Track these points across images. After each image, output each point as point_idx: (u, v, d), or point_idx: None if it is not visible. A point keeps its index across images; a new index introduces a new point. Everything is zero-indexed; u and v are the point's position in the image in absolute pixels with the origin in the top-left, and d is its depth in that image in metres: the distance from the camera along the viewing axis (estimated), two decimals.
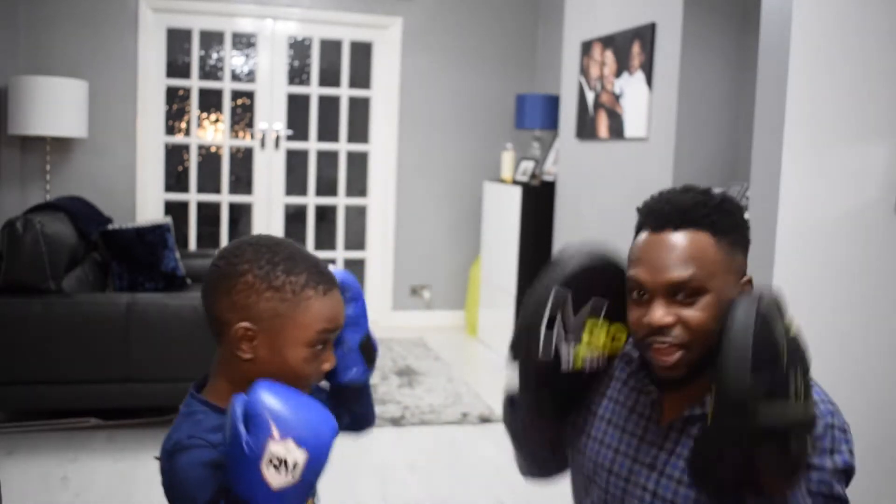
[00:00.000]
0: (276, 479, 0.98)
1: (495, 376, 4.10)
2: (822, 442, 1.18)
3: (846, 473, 1.21)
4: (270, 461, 0.98)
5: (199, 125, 5.54)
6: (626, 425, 1.33)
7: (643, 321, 1.21)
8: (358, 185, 5.77)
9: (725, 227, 1.23)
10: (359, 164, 5.74)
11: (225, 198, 5.51)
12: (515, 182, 5.10)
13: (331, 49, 5.59)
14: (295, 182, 5.62)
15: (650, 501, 1.27)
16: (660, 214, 1.24)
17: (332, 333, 1.16)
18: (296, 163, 5.61)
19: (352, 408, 1.33)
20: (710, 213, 1.23)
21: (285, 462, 0.99)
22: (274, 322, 1.12)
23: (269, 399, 1.02)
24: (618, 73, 3.93)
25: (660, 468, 1.27)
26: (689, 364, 1.20)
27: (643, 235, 1.26)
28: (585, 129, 4.24)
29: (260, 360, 1.13)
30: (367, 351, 1.26)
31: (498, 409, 3.26)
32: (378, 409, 3.83)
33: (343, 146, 5.67)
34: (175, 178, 5.47)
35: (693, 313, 1.19)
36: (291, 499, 1.00)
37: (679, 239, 1.21)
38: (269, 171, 5.54)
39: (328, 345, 1.17)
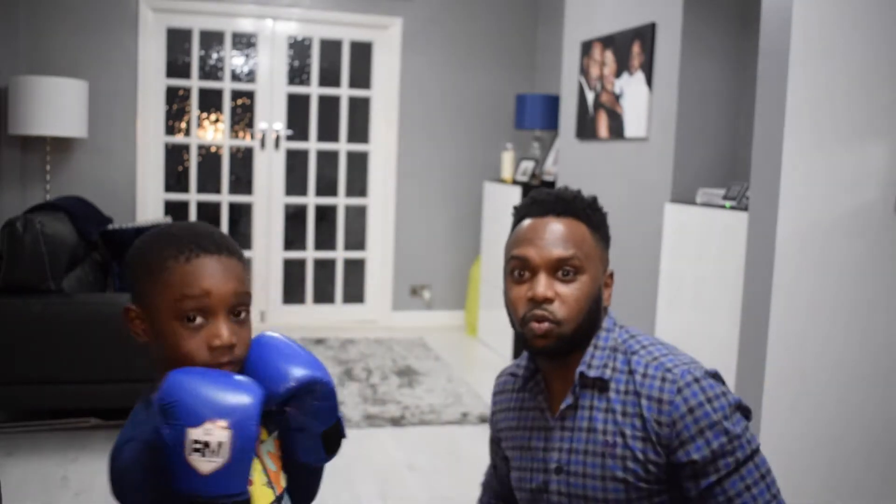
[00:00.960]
0: (203, 464, 0.95)
1: (495, 376, 4.10)
2: (695, 398, 1.25)
3: (738, 408, 1.28)
4: (193, 448, 0.95)
5: (199, 125, 5.54)
6: (531, 443, 1.41)
7: (527, 295, 1.31)
8: (358, 185, 5.77)
9: (597, 223, 1.39)
10: (359, 164, 5.74)
11: (225, 198, 5.51)
12: (515, 182, 5.10)
13: (331, 49, 5.59)
14: (295, 182, 5.62)
15: (568, 503, 1.35)
16: (544, 203, 1.37)
17: (199, 300, 1.06)
18: (296, 163, 5.61)
19: (299, 480, 1.22)
20: (585, 207, 1.38)
21: (208, 445, 0.95)
22: (145, 301, 1.10)
23: (179, 385, 0.98)
24: (618, 73, 3.93)
25: (564, 469, 1.35)
26: (560, 337, 1.30)
27: (527, 221, 1.37)
28: (585, 129, 4.24)
29: (152, 344, 1.12)
30: (331, 439, 1.15)
31: None
32: (378, 409, 3.84)
33: (343, 146, 5.67)
34: (175, 178, 5.47)
35: (570, 290, 1.31)
36: (228, 479, 0.96)
37: (562, 224, 1.35)
38: (269, 171, 5.54)
39: (213, 316, 1.07)
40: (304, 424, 1.11)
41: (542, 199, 1.38)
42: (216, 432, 0.96)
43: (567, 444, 1.35)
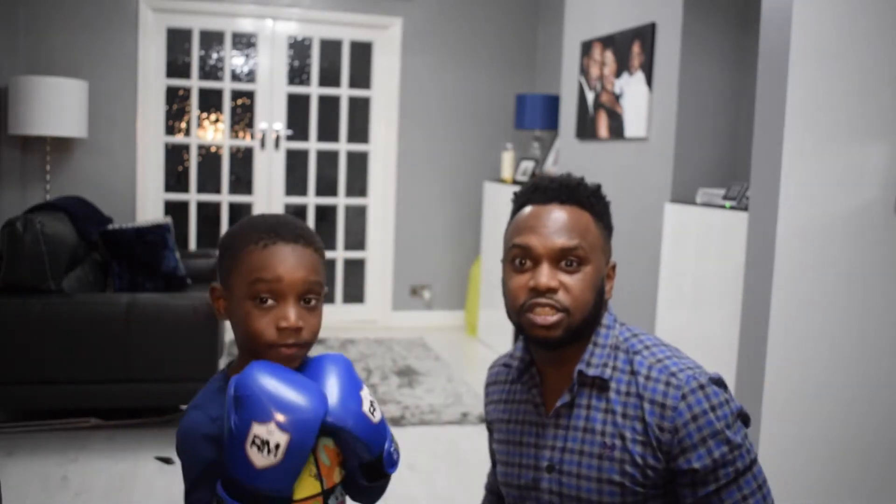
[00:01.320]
0: (259, 459, 1.02)
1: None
2: (699, 406, 1.22)
3: (740, 416, 1.26)
4: (253, 442, 1.02)
5: (199, 125, 5.54)
6: (522, 438, 1.38)
7: (528, 284, 1.27)
8: (358, 185, 5.77)
9: (600, 212, 1.35)
10: (359, 164, 5.74)
11: (225, 198, 5.51)
12: (515, 182, 5.10)
13: (331, 49, 5.59)
14: (295, 182, 5.62)
15: (559, 503, 1.32)
16: (547, 190, 1.33)
17: (270, 284, 1.13)
18: (296, 163, 5.61)
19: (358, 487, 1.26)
20: (590, 196, 1.34)
21: (267, 444, 1.02)
22: (227, 281, 1.19)
23: (259, 380, 1.05)
24: (618, 73, 3.93)
25: (557, 468, 1.31)
26: (567, 328, 1.26)
27: (529, 208, 1.33)
28: (585, 129, 4.24)
29: (232, 322, 1.19)
30: (374, 471, 1.18)
31: None
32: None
33: (343, 146, 5.67)
34: (175, 178, 5.47)
35: (574, 281, 1.27)
36: (275, 479, 1.03)
37: (566, 212, 1.31)
38: (269, 171, 5.54)
39: (282, 300, 1.14)
40: (345, 452, 1.17)
41: (545, 185, 1.34)
42: (277, 434, 1.02)
43: (561, 443, 1.32)
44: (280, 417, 1.03)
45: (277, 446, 1.02)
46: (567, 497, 1.30)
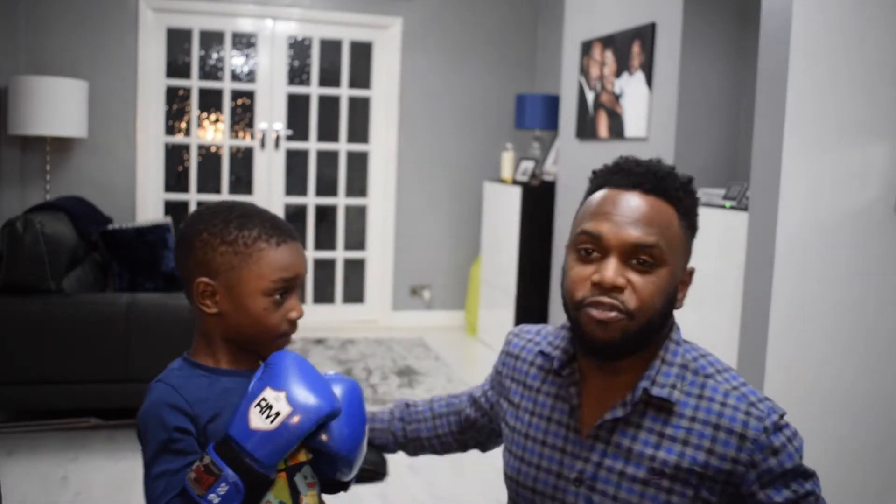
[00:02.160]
0: (255, 419, 1.06)
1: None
2: (778, 439, 1.13)
3: (800, 451, 1.17)
4: (258, 403, 1.07)
5: (199, 125, 5.54)
6: (546, 438, 1.25)
7: (592, 278, 1.12)
8: (358, 185, 5.77)
9: (687, 209, 1.19)
10: (359, 164, 5.74)
11: (225, 198, 5.50)
12: (515, 182, 5.10)
13: (331, 49, 5.59)
14: (295, 182, 5.62)
15: None
16: (631, 173, 1.17)
17: (289, 282, 1.20)
18: (296, 163, 5.61)
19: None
20: (678, 188, 1.18)
21: (270, 408, 1.06)
22: (230, 275, 1.19)
23: (292, 359, 1.13)
24: (618, 73, 3.93)
25: (588, 483, 1.19)
26: (625, 332, 1.11)
27: (605, 191, 1.17)
28: (585, 129, 4.24)
29: (225, 314, 1.20)
30: (336, 484, 1.26)
31: None
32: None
33: (343, 146, 5.67)
34: (175, 178, 5.47)
35: (645, 281, 1.12)
36: (260, 445, 1.05)
37: (649, 202, 1.14)
38: (269, 171, 5.54)
39: (291, 294, 1.20)
40: (320, 462, 1.20)
41: (629, 168, 1.17)
42: (282, 404, 1.07)
43: (598, 458, 1.18)
44: (292, 391, 1.08)
45: (277, 414, 1.06)
46: None
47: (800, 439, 1.16)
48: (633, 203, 1.14)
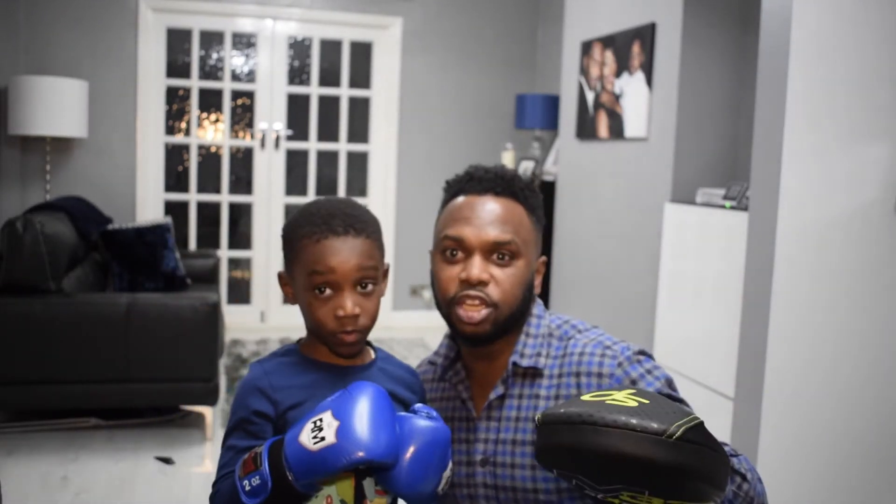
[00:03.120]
0: (305, 434, 1.07)
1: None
2: (636, 371, 1.24)
3: (669, 384, 1.26)
4: (315, 421, 1.08)
5: (199, 125, 5.54)
6: (453, 435, 1.33)
7: (459, 276, 1.26)
8: (358, 185, 5.77)
9: (534, 206, 1.33)
10: (359, 164, 5.74)
11: (225, 198, 5.50)
12: None
13: (331, 49, 5.59)
14: (295, 182, 5.62)
15: (495, 496, 1.30)
16: (483, 180, 1.31)
17: (324, 276, 1.20)
18: (296, 163, 5.61)
19: None
20: (524, 188, 1.32)
21: (320, 430, 1.06)
22: (289, 269, 1.27)
23: (365, 392, 1.10)
24: (618, 73, 3.93)
25: (491, 460, 1.30)
26: (495, 322, 1.26)
27: (462, 199, 1.31)
28: (585, 129, 4.24)
29: (300, 306, 1.26)
30: None
31: None
32: None
33: (343, 146, 5.67)
34: (175, 178, 5.46)
35: (506, 274, 1.26)
36: (299, 459, 1.06)
37: (501, 204, 1.29)
38: (269, 171, 5.54)
39: (338, 290, 1.21)
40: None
41: (480, 175, 1.32)
42: (330, 432, 1.06)
43: (494, 435, 1.30)
44: (347, 425, 1.06)
45: (322, 440, 1.06)
46: (502, 488, 1.29)
47: (662, 372, 1.25)
48: (488, 206, 1.28)
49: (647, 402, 0.98)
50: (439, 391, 1.41)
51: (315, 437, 1.06)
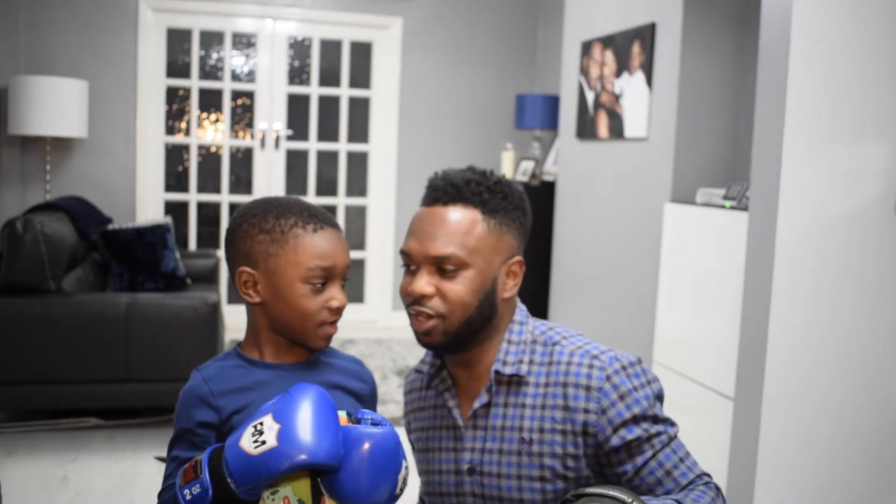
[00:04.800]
0: (245, 439, 1.05)
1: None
2: (625, 385, 1.24)
3: (659, 398, 1.27)
4: (255, 425, 1.05)
5: (199, 125, 5.54)
6: (441, 444, 1.35)
7: (408, 289, 1.27)
8: (358, 185, 5.77)
9: (495, 207, 1.28)
10: (359, 164, 5.74)
11: (225, 198, 5.51)
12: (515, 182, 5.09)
13: (331, 49, 5.59)
14: (295, 182, 5.62)
15: None
16: (434, 188, 1.29)
17: (327, 269, 1.20)
18: (296, 163, 5.61)
19: None
20: (482, 191, 1.27)
21: (261, 434, 1.04)
22: (269, 262, 1.21)
23: (307, 395, 1.08)
24: (618, 73, 3.93)
25: (478, 469, 1.30)
26: (445, 333, 1.25)
27: (419, 209, 1.31)
28: (585, 129, 4.24)
29: (267, 303, 1.22)
30: None
31: None
32: (378, 409, 3.83)
33: (343, 146, 5.67)
34: (175, 178, 5.47)
35: (452, 286, 1.24)
36: (239, 465, 1.03)
37: (448, 214, 1.26)
38: (269, 171, 5.54)
39: (331, 282, 1.21)
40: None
41: (434, 184, 1.30)
42: (271, 435, 1.04)
43: (480, 444, 1.30)
44: (288, 429, 1.04)
45: (263, 443, 1.03)
46: (489, 498, 1.28)
47: (654, 387, 1.26)
48: (434, 217, 1.26)
49: None
50: (426, 399, 1.40)
51: (256, 442, 1.03)
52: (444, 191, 1.27)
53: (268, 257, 1.21)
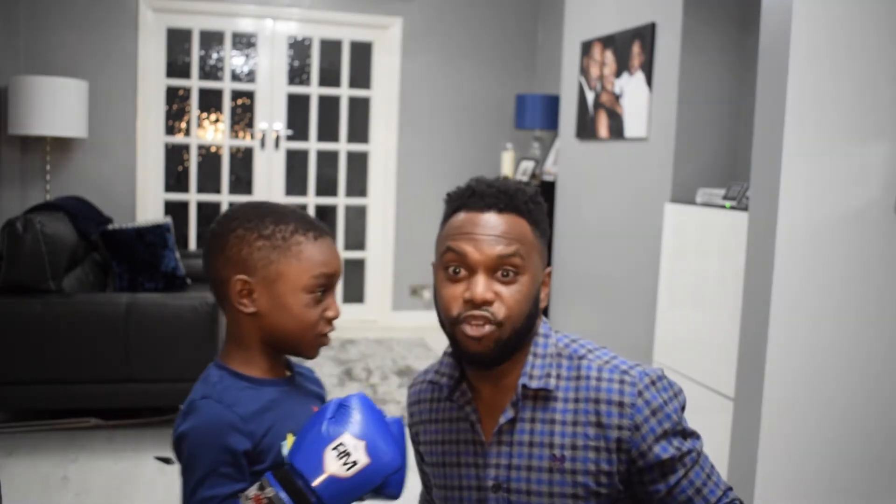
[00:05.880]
0: (332, 463, 1.03)
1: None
2: (656, 400, 1.23)
3: (683, 408, 1.27)
4: (336, 448, 1.04)
5: (199, 125, 5.54)
6: (460, 459, 1.32)
7: (463, 296, 1.21)
8: (358, 185, 5.77)
9: (538, 218, 1.29)
10: (359, 164, 5.74)
11: (225, 198, 5.50)
12: None
13: (331, 49, 5.59)
14: (295, 182, 5.63)
15: None
16: (485, 195, 1.27)
17: (329, 278, 1.18)
18: (296, 163, 5.61)
19: None
20: (527, 201, 1.27)
21: (348, 455, 1.03)
22: (269, 270, 1.15)
23: (364, 405, 1.09)
24: (618, 73, 3.93)
25: (504, 486, 1.27)
26: (498, 341, 1.21)
27: (464, 214, 1.26)
28: (585, 129, 4.24)
29: (263, 313, 1.16)
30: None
31: None
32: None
33: (343, 146, 5.67)
34: (175, 178, 5.47)
35: (511, 291, 1.22)
36: (332, 489, 1.04)
37: (504, 219, 1.24)
38: (269, 171, 5.54)
39: (329, 291, 1.19)
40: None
41: (482, 190, 1.28)
42: (362, 454, 1.04)
43: (506, 460, 1.26)
44: (373, 443, 1.06)
45: (355, 463, 1.04)
46: None
47: (681, 399, 1.26)
48: (491, 222, 1.24)
49: None
50: (442, 412, 1.37)
51: (346, 464, 1.03)
52: (496, 198, 1.26)
53: (268, 265, 1.15)
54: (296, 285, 1.15)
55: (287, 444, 1.13)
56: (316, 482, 1.03)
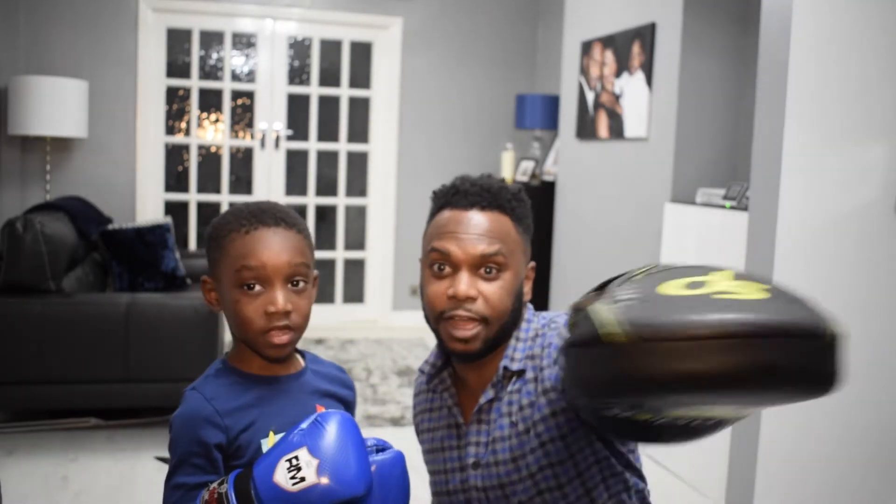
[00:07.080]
0: (280, 474, 1.01)
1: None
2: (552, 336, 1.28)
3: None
4: (290, 459, 1.02)
5: (199, 125, 5.54)
6: (444, 443, 1.37)
7: (447, 293, 1.25)
8: (358, 185, 5.77)
9: (521, 215, 1.33)
10: (359, 164, 5.74)
11: (225, 198, 5.50)
12: (515, 182, 5.10)
13: (331, 49, 5.59)
14: (295, 182, 5.62)
15: (485, 498, 1.31)
16: (468, 194, 1.29)
17: (254, 271, 1.13)
18: (296, 163, 5.61)
19: None
20: (510, 199, 1.31)
21: (298, 470, 1.01)
22: (214, 270, 1.18)
23: (338, 424, 1.05)
24: (618, 73, 3.93)
25: (482, 463, 1.31)
26: (485, 339, 1.25)
27: (448, 213, 1.30)
28: (585, 129, 4.24)
29: (225, 313, 1.18)
30: None
31: None
32: (378, 409, 3.83)
33: (343, 146, 5.67)
34: (175, 178, 5.47)
35: (494, 288, 1.26)
36: (275, 501, 1.01)
37: (487, 217, 1.28)
38: (269, 171, 5.54)
39: (267, 285, 1.13)
40: None
41: (466, 189, 1.30)
42: (312, 472, 1.01)
43: (484, 437, 1.31)
44: (327, 464, 1.02)
45: (302, 479, 1.01)
46: (491, 488, 1.29)
47: (561, 321, 1.30)
48: (474, 220, 1.27)
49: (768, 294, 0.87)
50: (433, 401, 1.41)
51: (294, 478, 1.01)
52: (479, 196, 1.29)
53: (213, 264, 1.18)
54: (228, 281, 1.15)
55: (268, 442, 1.13)
56: (264, 492, 1.01)
